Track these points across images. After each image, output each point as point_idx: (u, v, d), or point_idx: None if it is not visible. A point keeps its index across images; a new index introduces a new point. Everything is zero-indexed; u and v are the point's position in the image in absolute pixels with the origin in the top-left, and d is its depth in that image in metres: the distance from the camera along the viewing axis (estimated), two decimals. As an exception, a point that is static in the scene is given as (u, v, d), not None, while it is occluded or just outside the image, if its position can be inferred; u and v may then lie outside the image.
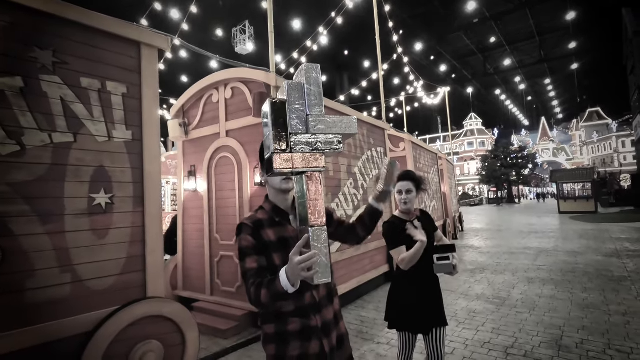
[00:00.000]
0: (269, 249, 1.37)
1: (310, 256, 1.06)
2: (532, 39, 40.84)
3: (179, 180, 5.15)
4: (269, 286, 1.20)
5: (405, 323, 2.19)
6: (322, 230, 1.13)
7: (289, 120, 1.13)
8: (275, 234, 1.41)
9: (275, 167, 1.08)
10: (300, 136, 1.14)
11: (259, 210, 1.49)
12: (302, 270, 1.07)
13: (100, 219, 2.46)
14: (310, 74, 1.18)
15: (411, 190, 2.22)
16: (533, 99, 64.14)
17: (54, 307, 2.20)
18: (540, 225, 14.95)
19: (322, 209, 1.13)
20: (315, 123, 1.17)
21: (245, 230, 1.38)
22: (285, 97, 1.14)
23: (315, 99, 1.17)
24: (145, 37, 2.82)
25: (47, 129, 2.28)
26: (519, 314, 4.22)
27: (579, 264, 6.89)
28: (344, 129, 1.21)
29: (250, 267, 1.31)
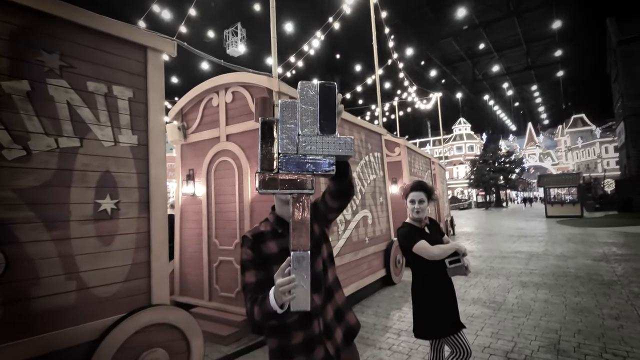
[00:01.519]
0: (269, 262, 1.35)
1: (288, 280, 1.06)
2: (520, 47, 41.80)
3: (177, 184, 5.10)
4: (261, 304, 1.20)
5: (430, 331, 2.29)
6: (304, 256, 1.12)
7: (278, 139, 1.13)
8: (277, 246, 1.39)
9: (259, 187, 1.07)
10: (290, 156, 1.13)
11: (263, 222, 1.48)
12: (282, 294, 1.07)
13: (105, 225, 2.42)
14: (305, 92, 1.15)
15: (423, 200, 2.32)
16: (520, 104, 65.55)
17: (60, 315, 2.16)
18: (528, 229, 15.23)
19: (306, 233, 1.12)
20: (305, 143, 1.14)
21: (246, 243, 1.39)
22: (278, 115, 1.13)
23: (308, 118, 1.15)
24: (152, 42, 2.80)
25: (54, 134, 2.25)
26: (516, 318, 4.29)
27: (570, 268, 7.05)
28: (338, 150, 1.16)
29: (249, 281, 1.32)
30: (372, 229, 5.90)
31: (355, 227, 5.35)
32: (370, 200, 5.96)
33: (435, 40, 39.09)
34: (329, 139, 1.16)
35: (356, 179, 5.58)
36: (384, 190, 6.52)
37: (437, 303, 2.31)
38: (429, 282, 2.33)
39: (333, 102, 1.18)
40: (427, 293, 2.33)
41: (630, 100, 24.21)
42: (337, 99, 1.16)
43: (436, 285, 2.33)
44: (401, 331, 4.05)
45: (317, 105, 1.17)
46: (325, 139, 1.16)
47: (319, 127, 1.16)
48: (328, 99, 1.18)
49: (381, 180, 6.48)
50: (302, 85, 1.15)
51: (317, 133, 1.15)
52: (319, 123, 1.16)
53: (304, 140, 1.13)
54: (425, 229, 2.42)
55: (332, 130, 1.17)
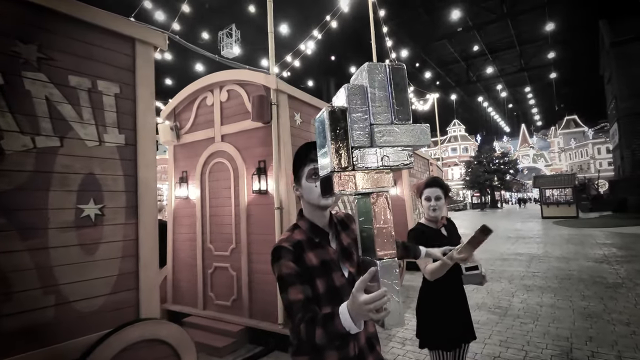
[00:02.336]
0: (313, 275, 1.20)
1: (379, 295, 0.88)
2: (513, 49, 42.10)
3: (170, 187, 4.88)
4: (325, 324, 1.00)
5: (439, 341, 2.09)
6: (393, 263, 0.95)
7: (350, 131, 0.95)
8: (317, 258, 1.23)
9: (336, 189, 0.90)
10: (365, 150, 0.96)
11: (296, 230, 1.31)
12: (369, 312, 0.89)
13: (89, 232, 2.21)
14: (373, 74, 0.98)
15: (440, 197, 2.15)
16: (514, 106, 66.05)
17: (36, 334, 1.94)
18: (526, 230, 15.17)
19: (392, 237, 0.95)
20: (381, 134, 0.97)
21: (286, 255, 1.19)
22: (345, 103, 0.95)
23: (381, 106, 0.98)
24: (141, 34, 2.59)
25: (30, 132, 2.03)
26: (524, 325, 4.13)
27: (572, 270, 6.93)
28: (416, 139, 1.01)
29: (296, 298, 1.12)
30: (373, 232, 5.71)
31: (355, 231, 5.16)
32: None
33: (430, 42, 39.23)
34: (405, 127, 1.00)
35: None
36: (383, 192, 6.34)
37: (449, 311, 2.12)
38: (441, 287, 2.12)
39: (405, 85, 1.02)
40: (438, 299, 2.14)
41: (623, 101, 24.39)
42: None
43: (448, 292, 2.15)
44: (405, 340, 3.87)
45: (389, 89, 1.01)
46: (402, 128, 1.00)
47: (393, 114, 1.01)
48: (399, 81, 1.02)
49: (381, 181, 6.30)
50: (370, 67, 0.98)
51: (391, 122, 0.99)
52: (393, 109, 1.01)
53: (379, 131, 0.97)
54: (442, 230, 2.23)
55: (408, 117, 1.01)
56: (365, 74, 1.00)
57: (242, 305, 3.98)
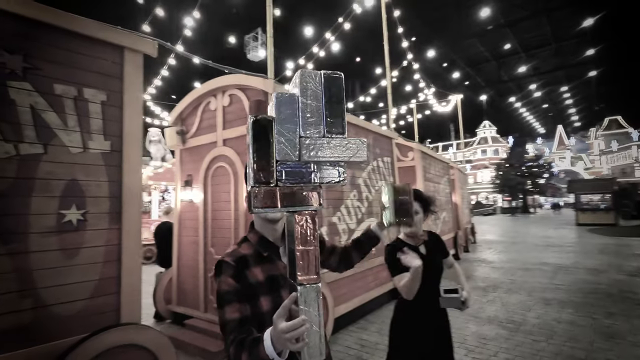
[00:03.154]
0: (257, 292, 1.14)
1: (297, 324, 0.82)
2: (548, 46, 40.11)
3: (176, 190, 4.97)
4: (250, 349, 0.95)
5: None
6: (315, 290, 0.88)
7: (276, 143, 0.88)
8: (263, 273, 1.17)
9: (256, 205, 0.85)
10: (291, 165, 0.90)
11: (243, 243, 1.26)
12: (287, 341, 0.83)
13: (70, 237, 2.26)
14: (306, 83, 0.92)
15: (417, 211, 1.97)
16: (549, 106, 62.80)
17: (13, 336, 2.00)
18: (557, 237, 14.33)
19: (316, 261, 0.89)
20: (310, 148, 0.90)
21: (227, 271, 1.14)
22: (274, 113, 0.88)
23: (312, 116, 0.91)
24: (129, 41, 2.64)
25: (13, 140, 2.10)
26: (535, 343, 3.85)
27: (601, 283, 6.43)
28: (350, 155, 0.93)
29: (231, 317, 1.07)
30: (380, 238, 5.56)
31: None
32: (379, 208, 5.64)
33: (458, 41, 38.12)
34: (337, 141, 0.93)
35: (362, 185, 5.28)
36: (394, 197, 6.17)
37: (420, 340, 1.90)
38: (419, 311, 1.92)
39: (341, 96, 0.95)
40: (409, 325, 1.94)
41: (671, 100, 22.51)
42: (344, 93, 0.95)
43: (427, 317, 1.93)
44: (405, 353, 3.70)
45: (322, 99, 0.94)
46: (334, 142, 0.93)
47: (325, 127, 0.94)
48: (335, 92, 0.95)
49: (391, 186, 6.13)
50: (302, 74, 0.91)
51: (323, 135, 0.93)
52: (325, 122, 0.94)
53: (308, 144, 0.91)
54: (421, 248, 2.03)
55: (342, 130, 0.94)
56: (298, 82, 0.93)
57: (239, 310, 3.97)
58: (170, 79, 12.53)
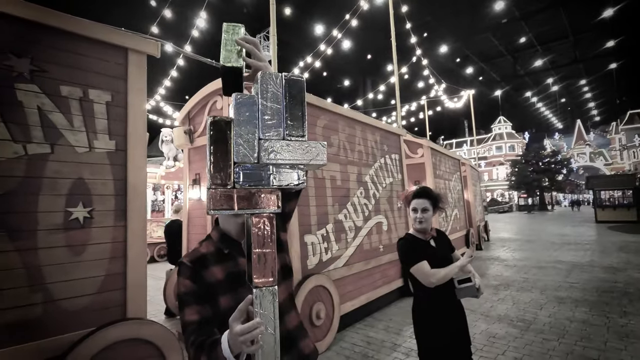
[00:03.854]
0: (216, 292, 1.13)
1: (252, 326, 0.83)
2: (566, 38, 39.07)
3: (185, 189, 5.06)
4: (209, 353, 0.96)
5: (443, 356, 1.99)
6: (271, 292, 0.88)
7: (234, 145, 0.89)
8: (222, 271, 1.16)
9: (211, 206, 0.85)
10: (249, 167, 0.90)
11: (205, 241, 1.26)
12: (242, 344, 0.84)
13: (77, 234, 2.32)
14: (266, 84, 0.92)
15: (427, 209, 2.04)
16: (567, 100, 61.16)
17: (23, 329, 2.07)
18: (574, 235, 13.96)
19: (272, 263, 0.89)
20: (269, 150, 0.91)
21: (184, 273, 1.14)
22: (232, 114, 0.89)
23: (272, 119, 0.92)
24: (132, 43, 2.69)
25: (22, 140, 2.17)
26: (546, 342, 3.77)
27: (618, 282, 6.24)
28: (309, 157, 0.94)
29: (190, 320, 1.07)
30: (388, 235, 5.54)
31: (367, 234, 5.02)
32: (386, 205, 5.61)
33: (472, 36, 37.49)
34: (297, 144, 0.94)
35: (369, 182, 5.26)
36: (401, 195, 6.12)
37: (442, 328, 1.99)
38: (434, 303, 2.03)
39: (302, 99, 0.96)
40: (431, 316, 2.03)
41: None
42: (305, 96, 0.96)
43: (442, 307, 2.03)
44: (411, 351, 3.68)
45: (283, 102, 0.95)
46: (293, 145, 0.94)
47: (284, 129, 0.95)
48: (296, 95, 0.96)
49: (399, 183, 6.09)
50: (263, 77, 0.92)
51: (283, 137, 0.94)
52: (285, 124, 0.95)
53: (266, 146, 0.92)
54: (431, 241, 2.13)
55: (302, 133, 0.95)
56: (258, 84, 0.93)
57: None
58: (181, 79, 12.73)
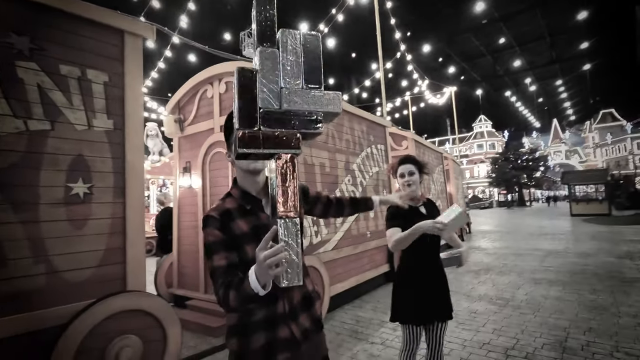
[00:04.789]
0: (242, 242, 1.21)
1: (276, 250, 0.91)
2: (543, 40, 40.36)
3: (175, 177, 5.10)
4: (237, 287, 1.04)
5: (408, 314, 2.06)
6: (294, 223, 0.98)
7: (259, 93, 1.01)
8: (247, 224, 1.24)
9: (240, 147, 0.93)
10: (273, 112, 1.00)
11: (227, 198, 1.32)
12: (268, 267, 0.91)
13: (77, 209, 2.39)
14: (286, 40, 1.05)
15: (413, 172, 2.09)
16: (544, 100, 63.20)
17: (28, 298, 2.13)
18: (551, 227, 14.57)
19: (295, 198, 0.99)
20: (289, 97, 1.03)
21: (212, 224, 1.21)
22: (257, 66, 1.02)
23: (291, 69, 1.04)
24: (129, 26, 2.76)
25: (23, 116, 2.23)
26: (522, 315, 4.03)
27: (589, 265, 6.63)
28: (325, 105, 1.06)
29: (219, 264, 1.15)
30: (375, 222, 5.73)
31: (355, 220, 5.19)
32: (373, 193, 5.79)
33: (453, 36, 38.26)
34: (315, 92, 1.04)
35: (356, 170, 5.43)
36: (387, 184, 6.33)
37: (419, 286, 2.07)
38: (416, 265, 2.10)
39: (318, 54, 1.06)
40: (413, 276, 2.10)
41: (662, 91, 22.79)
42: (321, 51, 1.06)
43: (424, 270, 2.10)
44: (398, 326, 3.86)
45: (301, 56, 1.05)
46: (312, 93, 1.03)
47: (303, 79, 1.04)
48: (312, 50, 1.07)
49: (385, 173, 6.29)
50: (283, 33, 1.02)
51: (302, 87, 1.03)
52: (304, 75, 1.04)
53: (288, 94, 1.00)
54: (421, 208, 2.17)
55: (319, 83, 1.05)
56: (278, 39, 1.07)
57: (238, 289, 4.13)
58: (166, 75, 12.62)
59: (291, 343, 1.22)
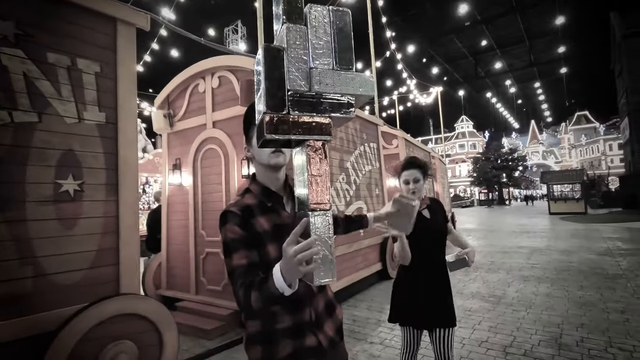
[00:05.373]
0: (263, 240, 1.13)
1: (308, 244, 0.82)
2: (522, 43, 41.45)
3: (164, 174, 4.92)
4: (260, 287, 0.96)
5: (407, 317, 2.01)
6: (326, 215, 0.89)
7: (287, 73, 0.90)
8: (268, 222, 1.16)
9: (268, 132, 0.83)
10: (301, 94, 0.90)
11: (247, 194, 1.22)
12: (298, 264, 0.83)
13: (67, 207, 2.24)
14: (314, 16, 0.93)
15: (418, 178, 2.01)
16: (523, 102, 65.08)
17: (13, 303, 1.98)
18: (531, 225, 14.98)
19: (327, 188, 0.90)
20: (320, 78, 0.92)
21: (232, 220, 1.12)
22: (284, 43, 0.90)
23: (321, 48, 0.93)
24: (122, 14, 2.61)
25: (7, 107, 2.06)
26: (516, 312, 4.08)
27: (573, 262, 6.82)
28: (357, 88, 0.95)
29: (239, 263, 1.06)
30: (367, 221, 5.69)
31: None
32: (365, 191, 5.77)
33: (437, 38, 38.80)
34: (346, 74, 0.94)
35: (350, 169, 5.39)
36: (380, 182, 6.32)
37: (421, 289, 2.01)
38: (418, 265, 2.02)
39: (349, 31, 0.98)
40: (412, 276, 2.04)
41: (634, 95, 23.83)
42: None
43: (426, 271, 2.04)
44: (395, 326, 3.84)
45: (331, 34, 0.96)
46: (344, 75, 0.94)
47: (334, 59, 0.95)
48: (343, 27, 0.98)
49: (377, 171, 6.28)
50: (311, 8, 0.93)
51: (332, 67, 0.94)
52: (335, 54, 0.95)
53: (318, 75, 0.90)
54: (425, 212, 2.10)
55: (351, 65, 0.96)
56: (307, 15, 0.97)
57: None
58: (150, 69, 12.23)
59: (318, 352, 1.15)
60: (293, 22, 0.97)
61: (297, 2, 0.98)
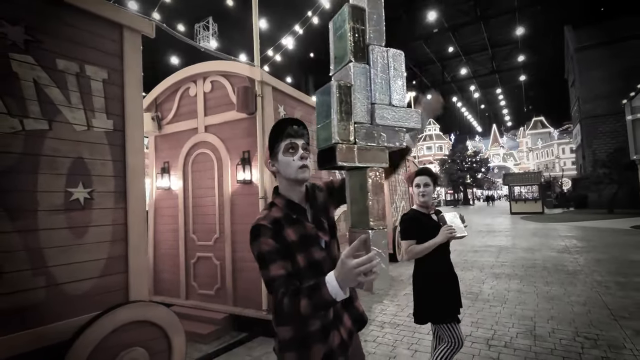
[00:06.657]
0: (293, 251, 1.21)
1: (369, 258, 0.93)
2: (486, 51, 43.53)
3: (151, 178, 4.83)
4: (310, 294, 1.02)
5: (446, 314, 2.26)
6: (383, 235, 1.05)
7: (353, 107, 1.04)
8: (295, 233, 1.24)
9: (339, 159, 0.98)
10: (365, 126, 1.06)
11: (273, 208, 1.29)
12: (358, 275, 0.93)
13: (78, 215, 2.22)
14: (376, 57, 1.09)
15: (428, 184, 2.35)
16: (486, 107, 68.41)
17: (26, 314, 1.95)
18: (496, 225, 15.90)
19: (384, 210, 1.05)
20: (380, 113, 1.09)
21: (265, 233, 1.19)
22: (352, 81, 1.06)
23: (381, 87, 1.09)
24: (128, 20, 2.61)
25: (18, 114, 2.03)
26: (493, 308, 4.42)
27: (537, 259, 7.39)
28: (411, 122, 1.14)
29: (278, 274, 1.12)
30: (352, 223, 5.88)
31: (339, 220, 5.30)
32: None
33: (407, 43, 39.89)
34: (400, 109, 1.11)
35: (338, 173, 5.55)
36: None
37: (441, 288, 2.31)
38: (436, 269, 2.33)
39: (402, 71, 1.14)
40: (436, 278, 2.32)
41: (585, 103, 25.88)
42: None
43: (443, 271, 2.36)
44: (384, 323, 4.05)
45: (388, 73, 1.12)
46: (398, 110, 1.11)
47: (390, 96, 1.11)
48: (398, 67, 1.14)
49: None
50: (374, 50, 1.08)
51: (389, 103, 1.10)
52: (390, 92, 1.11)
53: (378, 110, 1.06)
54: (433, 215, 2.40)
55: (404, 101, 1.13)
56: (370, 55, 1.12)
57: (226, 293, 4.04)
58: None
59: (343, 348, 1.26)
60: (358, 61, 1.11)
61: (360, 43, 1.12)
